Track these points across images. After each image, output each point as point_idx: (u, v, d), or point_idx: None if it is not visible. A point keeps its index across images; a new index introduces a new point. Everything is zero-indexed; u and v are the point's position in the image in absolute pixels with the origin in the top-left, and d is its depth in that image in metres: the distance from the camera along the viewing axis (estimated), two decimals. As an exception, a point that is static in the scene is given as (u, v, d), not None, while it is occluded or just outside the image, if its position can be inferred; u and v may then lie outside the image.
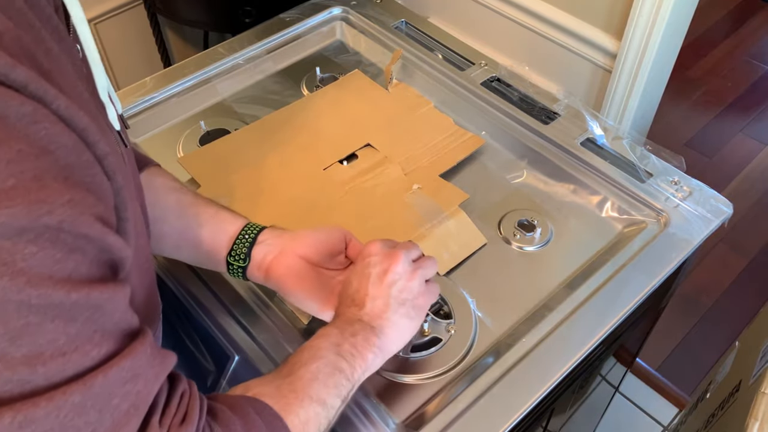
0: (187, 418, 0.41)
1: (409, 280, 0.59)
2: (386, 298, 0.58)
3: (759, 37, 2.55)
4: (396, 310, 0.58)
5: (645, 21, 1.15)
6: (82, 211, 0.33)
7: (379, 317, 0.58)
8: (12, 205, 0.30)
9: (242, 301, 0.72)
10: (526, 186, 0.86)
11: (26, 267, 0.31)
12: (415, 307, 0.60)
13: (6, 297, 0.31)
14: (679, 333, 1.68)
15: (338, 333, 0.56)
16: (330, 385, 0.53)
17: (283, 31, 1.04)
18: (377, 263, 0.60)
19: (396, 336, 0.59)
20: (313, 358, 0.53)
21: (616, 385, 1.20)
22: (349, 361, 0.55)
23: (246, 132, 0.90)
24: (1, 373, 0.31)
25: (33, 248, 0.31)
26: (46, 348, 0.33)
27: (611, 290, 0.72)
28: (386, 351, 0.58)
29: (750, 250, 1.86)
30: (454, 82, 0.95)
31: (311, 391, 0.51)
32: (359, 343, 0.56)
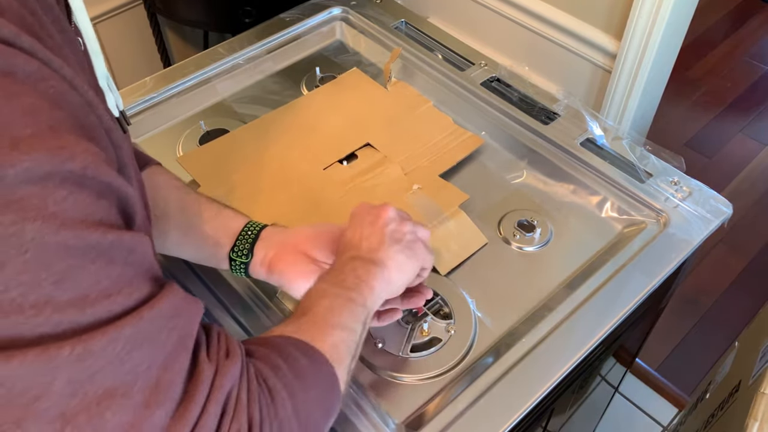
0: (231, 353, 0.42)
1: (401, 224, 0.62)
2: (380, 235, 0.60)
3: (759, 38, 2.55)
4: (391, 245, 0.60)
5: (645, 21, 1.15)
6: (100, 159, 0.34)
7: (376, 251, 0.59)
8: (34, 151, 0.30)
9: (242, 301, 0.72)
10: (525, 186, 0.86)
11: (58, 210, 0.31)
12: (411, 248, 0.61)
13: (43, 240, 0.31)
14: (679, 333, 1.69)
15: (338, 272, 0.57)
16: (345, 313, 0.54)
17: (283, 31, 1.04)
18: (367, 213, 0.62)
19: (396, 269, 0.59)
20: (322, 297, 0.54)
21: (615, 386, 1.20)
22: (357, 290, 0.56)
23: (245, 131, 0.90)
24: (52, 316, 0.32)
25: (63, 192, 0.31)
26: (90, 290, 0.33)
27: (611, 290, 0.72)
28: (390, 282, 0.59)
29: (750, 251, 1.86)
30: (453, 83, 0.95)
31: (331, 320, 0.52)
32: (362, 274, 0.57)
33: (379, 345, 0.68)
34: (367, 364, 0.67)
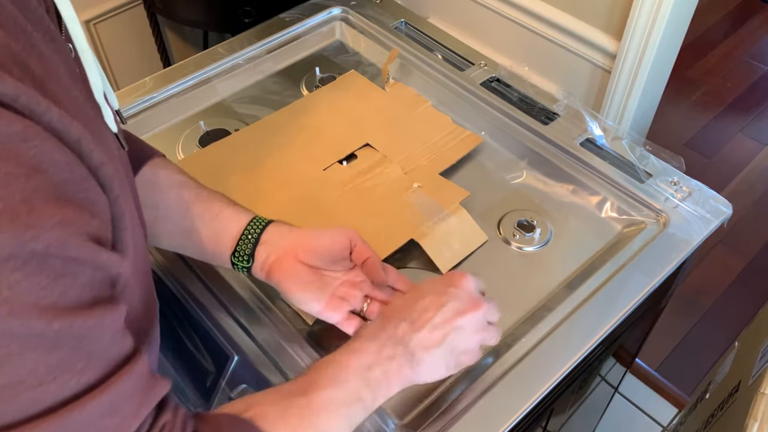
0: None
1: (474, 334, 0.57)
2: (445, 336, 0.55)
3: (758, 38, 2.55)
4: (444, 351, 0.55)
5: (644, 21, 1.15)
6: (73, 232, 0.32)
7: (426, 349, 0.55)
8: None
9: (242, 302, 0.71)
10: (525, 186, 0.86)
11: (10, 296, 0.30)
12: (457, 361, 0.57)
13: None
14: (679, 333, 1.69)
15: (375, 352, 0.53)
16: (343, 416, 0.50)
17: (283, 31, 1.04)
18: (460, 298, 0.57)
19: (427, 373, 0.56)
20: (335, 382, 0.51)
21: (615, 386, 1.20)
22: (374, 389, 0.52)
23: (245, 134, 0.90)
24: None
25: (18, 276, 0.30)
26: (25, 377, 0.32)
27: (611, 290, 0.72)
28: (411, 382, 0.56)
29: (749, 251, 1.86)
30: (453, 83, 0.95)
31: (319, 422, 0.49)
32: (392, 371, 0.53)
33: (379, 345, 0.68)
34: (366, 364, 0.67)
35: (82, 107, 0.38)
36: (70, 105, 0.36)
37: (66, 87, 0.36)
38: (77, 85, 0.39)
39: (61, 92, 0.35)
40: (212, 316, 0.71)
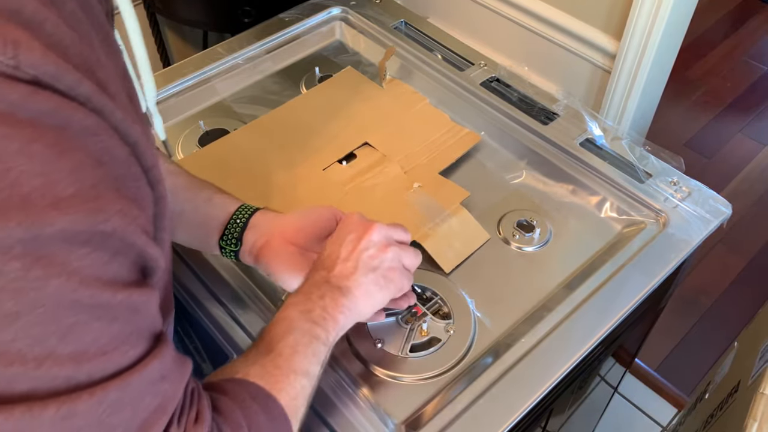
0: (200, 417, 0.42)
1: (382, 250, 0.60)
2: (356, 261, 0.59)
3: (758, 38, 2.55)
4: (365, 273, 0.59)
5: (644, 21, 1.15)
6: (131, 221, 0.35)
7: (347, 278, 0.58)
8: (73, 212, 0.32)
9: (240, 301, 0.72)
10: (525, 186, 0.86)
11: (79, 267, 0.33)
12: (386, 278, 0.60)
13: (61, 296, 0.32)
14: (678, 333, 1.69)
15: (305, 299, 0.57)
16: (309, 354, 0.54)
17: (283, 31, 1.04)
18: (353, 230, 0.61)
19: (364, 299, 0.59)
20: (288, 331, 0.54)
21: (615, 386, 1.20)
22: (322, 325, 0.56)
23: (243, 133, 0.90)
24: (50, 369, 0.33)
25: (86, 250, 0.33)
26: (90, 346, 0.34)
27: (610, 291, 0.72)
28: (356, 312, 0.59)
29: (749, 251, 1.86)
30: (453, 83, 0.95)
31: (294, 364, 0.52)
32: (328, 306, 0.57)
33: (379, 345, 0.68)
34: (366, 364, 0.67)
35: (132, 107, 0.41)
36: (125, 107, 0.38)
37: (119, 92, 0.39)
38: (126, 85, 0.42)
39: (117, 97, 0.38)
40: (211, 315, 0.71)
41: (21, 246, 0.30)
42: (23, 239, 0.30)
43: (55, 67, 0.32)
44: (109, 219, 0.33)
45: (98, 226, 0.33)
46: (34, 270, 0.31)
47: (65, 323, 0.33)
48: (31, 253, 0.31)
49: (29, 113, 0.31)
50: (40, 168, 0.31)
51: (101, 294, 0.34)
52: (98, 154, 0.34)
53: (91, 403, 0.34)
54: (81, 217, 0.32)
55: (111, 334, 0.35)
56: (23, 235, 0.30)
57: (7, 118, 0.30)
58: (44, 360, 0.32)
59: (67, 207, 0.31)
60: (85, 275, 0.33)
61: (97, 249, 0.33)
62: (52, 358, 0.33)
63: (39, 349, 0.32)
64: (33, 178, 0.31)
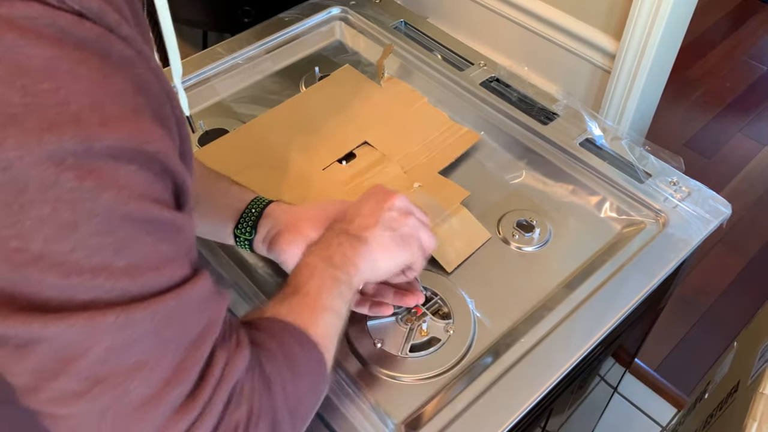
0: (240, 343, 0.44)
1: (404, 215, 0.62)
2: (376, 218, 0.61)
3: (758, 38, 2.55)
4: (384, 230, 0.60)
5: (644, 21, 1.15)
6: (172, 147, 0.38)
7: (366, 229, 0.60)
8: (120, 130, 0.34)
9: (242, 301, 0.71)
10: (524, 186, 0.86)
11: (128, 183, 0.34)
12: (404, 240, 0.61)
13: (114, 207, 0.34)
14: (678, 333, 1.69)
15: (325, 246, 0.59)
16: (335, 294, 0.55)
17: (282, 30, 1.04)
18: (376, 194, 0.63)
19: (381, 251, 0.60)
20: (312, 275, 0.56)
21: (614, 386, 1.20)
22: (344, 269, 0.57)
23: (242, 133, 0.90)
24: (106, 282, 0.34)
25: (133, 167, 0.35)
26: (143, 261, 0.36)
27: (610, 291, 0.72)
28: (373, 262, 0.59)
29: (748, 251, 1.86)
30: (453, 83, 0.95)
31: (322, 302, 0.54)
32: (347, 252, 0.58)
33: (378, 345, 0.68)
34: (366, 364, 0.67)
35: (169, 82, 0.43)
36: None
37: None
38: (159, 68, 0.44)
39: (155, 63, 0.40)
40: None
41: (73, 158, 0.32)
42: (75, 152, 0.32)
43: (99, 6, 0.34)
44: (152, 141, 0.35)
45: (143, 146, 0.35)
46: (87, 181, 0.32)
47: (119, 235, 0.34)
48: (83, 166, 0.32)
49: (76, 38, 0.33)
50: (88, 88, 0.33)
51: (150, 210, 0.36)
52: (138, 84, 0.35)
53: (147, 313, 0.36)
54: (126, 135, 0.34)
55: (161, 251, 0.37)
56: (75, 147, 0.32)
57: (57, 41, 0.32)
58: (100, 272, 0.34)
59: (113, 125, 0.33)
60: (133, 190, 0.34)
61: (143, 168, 0.35)
62: (108, 270, 0.34)
63: (96, 260, 0.34)
64: (81, 96, 0.32)
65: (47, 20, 0.32)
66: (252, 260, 0.77)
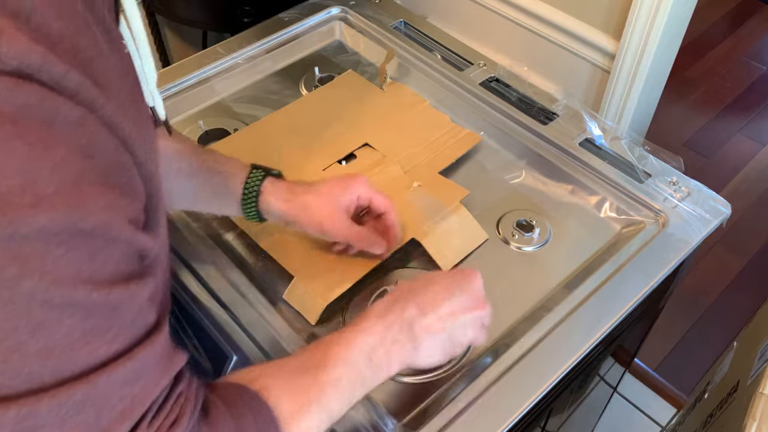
0: (178, 421, 0.41)
1: (471, 330, 0.59)
2: (448, 324, 0.57)
3: (757, 38, 2.55)
4: (443, 340, 0.58)
5: (643, 21, 1.15)
6: (116, 215, 0.35)
7: (429, 335, 0.57)
8: (51, 210, 0.31)
9: (242, 301, 0.71)
10: (524, 186, 0.86)
11: (54, 268, 0.32)
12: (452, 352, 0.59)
13: (33, 295, 0.32)
14: (678, 333, 1.69)
15: (381, 334, 0.55)
16: (346, 395, 0.52)
17: (282, 30, 1.04)
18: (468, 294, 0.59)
19: (425, 358, 0.58)
20: (342, 361, 0.52)
21: (614, 386, 1.20)
22: (376, 370, 0.54)
23: (244, 134, 0.90)
24: (15, 365, 0.32)
25: (63, 249, 0.32)
26: (59, 342, 0.33)
27: (610, 290, 0.72)
28: (410, 365, 0.58)
29: (748, 251, 1.86)
30: (452, 82, 0.95)
31: (325, 399, 0.50)
32: (394, 353, 0.55)
33: (378, 345, 0.68)
34: (365, 364, 0.67)
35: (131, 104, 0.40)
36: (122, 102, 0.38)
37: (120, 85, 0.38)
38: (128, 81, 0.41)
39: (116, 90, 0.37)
40: (211, 316, 0.71)
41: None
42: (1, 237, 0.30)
43: (41, 57, 0.31)
44: (90, 216, 0.33)
45: (78, 224, 0.32)
46: (9, 269, 0.31)
47: (36, 320, 0.32)
48: (7, 251, 0.31)
49: (12, 107, 0.30)
50: (20, 165, 0.30)
51: (74, 293, 0.33)
52: (85, 147, 0.33)
53: (52, 405, 0.34)
54: (60, 215, 0.31)
55: (84, 330, 0.34)
56: (1, 232, 0.30)
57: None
58: (11, 355, 0.32)
59: (47, 205, 0.31)
60: (59, 275, 0.32)
61: (75, 248, 0.33)
62: (20, 352, 0.32)
63: (8, 343, 0.32)
64: (13, 175, 0.30)
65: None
66: (251, 260, 0.77)
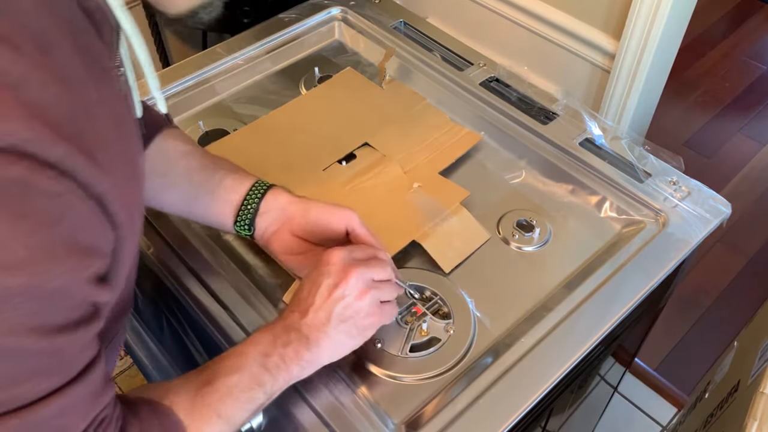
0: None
1: (358, 298, 0.59)
2: (329, 312, 0.58)
3: (757, 38, 2.55)
4: (336, 325, 0.58)
5: (643, 21, 1.15)
6: (78, 276, 0.37)
7: (318, 329, 0.58)
8: (18, 275, 0.34)
9: (242, 302, 0.71)
10: (524, 186, 0.86)
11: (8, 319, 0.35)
12: (359, 327, 0.60)
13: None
14: (678, 333, 1.69)
15: (270, 341, 0.57)
16: (243, 400, 0.54)
17: (282, 31, 1.04)
18: (331, 274, 0.59)
19: (330, 350, 0.59)
20: (235, 369, 0.55)
21: (614, 385, 1.20)
22: (273, 374, 0.56)
23: (243, 134, 0.90)
24: None
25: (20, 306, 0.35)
26: (3, 378, 0.37)
27: (610, 290, 0.72)
28: (315, 364, 0.59)
29: (748, 250, 1.86)
30: (452, 83, 0.95)
31: (222, 408, 0.53)
32: (288, 355, 0.57)
33: (378, 345, 0.68)
34: (366, 364, 0.67)
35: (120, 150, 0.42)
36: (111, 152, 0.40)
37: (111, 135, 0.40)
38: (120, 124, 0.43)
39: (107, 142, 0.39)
40: (211, 315, 0.71)
41: None
42: None
43: (33, 132, 0.33)
44: (53, 280, 0.35)
45: (40, 287, 0.35)
46: None
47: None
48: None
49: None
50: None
51: (25, 340, 0.36)
52: (57, 214, 0.35)
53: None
54: (25, 280, 0.34)
55: (26, 370, 0.37)
56: None
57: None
58: None
59: (16, 270, 0.33)
60: (12, 325, 0.35)
61: (30, 300, 0.35)
62: None
63: None
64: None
65: None
66: (252, 260, 0.77)
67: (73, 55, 0.38)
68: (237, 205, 0.69)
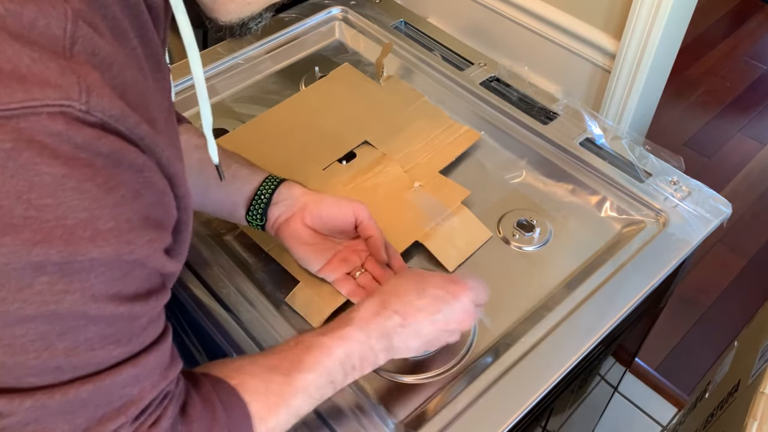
0: (158, 422, 0.44)
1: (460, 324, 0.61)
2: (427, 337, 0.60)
3: (757, 38, 2.55)
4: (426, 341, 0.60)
5: (644, 21, 1.15)
6: (156, 248, 0.40)
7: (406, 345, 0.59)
8: (107, 245, 0.36)
9: (242, 302, 0.71)
10: (525, 186, 0.86)
11: (93, 287, 0.36)
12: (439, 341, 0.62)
13: (73, 308, 0.36)
14: (678, 333, 1.69)
15: (360, 341, 0.56)
16: (315, 397, 0.55)
17: (282, 30, 1.04)
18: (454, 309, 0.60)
19: (401, 352, 0.60)
20: (317, 366, 0.54)
21: (615, 385, 1.20)
22: (348, 374, 0.56)
23: (242, 132, 0.90)
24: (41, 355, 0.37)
25: (104, 273, 0.37)
26: (82, 343, 0.38)
27: (610, 290, 0.72)
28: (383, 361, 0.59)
29: (749, 250, 1.86)
30: (453, 82, 0.95)
31: (293, 401, 0.53)
32: (369, 359, 0.57)
33: (379, 345, 0.68)
34: (366, 364, 0.67)
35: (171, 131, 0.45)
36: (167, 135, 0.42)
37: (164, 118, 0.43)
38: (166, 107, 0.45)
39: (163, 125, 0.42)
40: (212, 316, 0.71)
41: (53, 267, 0.35)
42: (58, 262, 0.34)
43: (120, 111, 0.35)
44: (135, 250, 0.37)
45: (123, 256, 0.37)
46: (57, 285, 0.35)
47: (68, 325, 0.37)
48: (59, 272, 0.35)
49: (89, 155, 0.34)
50: (88, 204, 0.34)
51: (105, 307, 0.38)
52: (139, 188, 0.37)
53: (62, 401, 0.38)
54: (111, 249, 0.36)
55: (104, 335, 0.39)
56: (59, 259, 0.34)
57: (69, 160, 0.34)
58: (42, 352, 0.36)
59: (102, 240, 0.35)
60: (95, 293, 0.37)
61: (113, 269, 0.37)
62: (50, 350, 0.37)
63: (40, 343, 0.36)
64: (80, 212, 0.34)
65: (66, 136, 0.33)
66: (252, 260, 0.77)
67: (139, 45, 0.40)
68: (250, 196, 0.70)
